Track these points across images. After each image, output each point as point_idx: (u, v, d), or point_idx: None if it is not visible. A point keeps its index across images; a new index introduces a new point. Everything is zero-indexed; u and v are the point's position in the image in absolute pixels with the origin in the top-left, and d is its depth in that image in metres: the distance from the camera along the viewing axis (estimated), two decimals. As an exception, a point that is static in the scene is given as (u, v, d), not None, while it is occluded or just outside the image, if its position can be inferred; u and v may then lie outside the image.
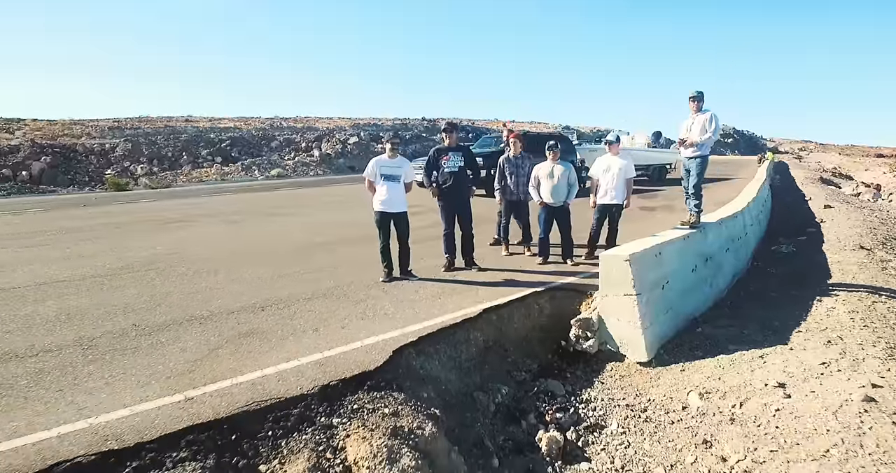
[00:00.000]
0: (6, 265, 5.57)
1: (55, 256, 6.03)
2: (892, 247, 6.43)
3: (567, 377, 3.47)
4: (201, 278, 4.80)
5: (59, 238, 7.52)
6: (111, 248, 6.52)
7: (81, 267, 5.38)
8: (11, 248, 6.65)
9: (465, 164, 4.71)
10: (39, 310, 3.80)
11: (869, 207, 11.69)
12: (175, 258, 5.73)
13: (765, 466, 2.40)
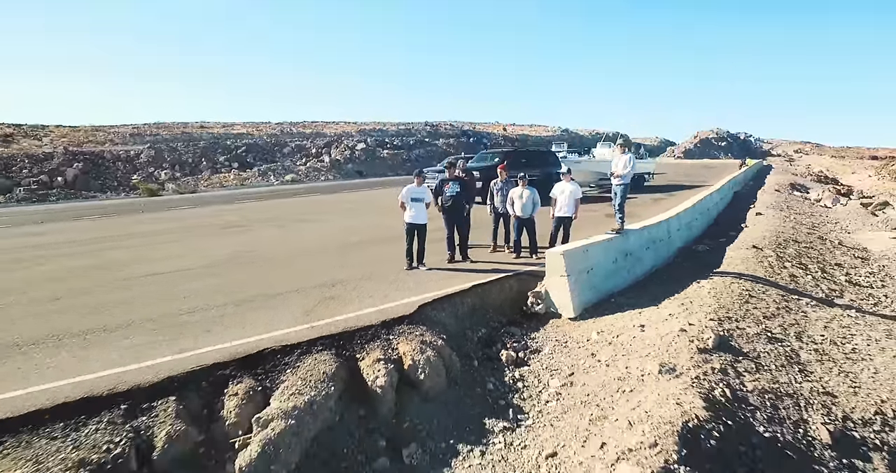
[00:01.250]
0: (134, 260, 7.75)
1: (158, 255, 8.19)
2: (783, 247, 8.54)
3: (523, 326, 5.60)
4: (282, 267, 6.95)
5: (147, 240, 9.70)
6: (193, 248, 8.68)
7: (186, 262, 7.54)
8: (120, 249, 8.83)
9: (461, 190, 6.84)
10: (194, 286, 5.97)
11: (805, 213, 13.78)
12: (253, 254, 7.89)
13: (619, 361, 4.53)
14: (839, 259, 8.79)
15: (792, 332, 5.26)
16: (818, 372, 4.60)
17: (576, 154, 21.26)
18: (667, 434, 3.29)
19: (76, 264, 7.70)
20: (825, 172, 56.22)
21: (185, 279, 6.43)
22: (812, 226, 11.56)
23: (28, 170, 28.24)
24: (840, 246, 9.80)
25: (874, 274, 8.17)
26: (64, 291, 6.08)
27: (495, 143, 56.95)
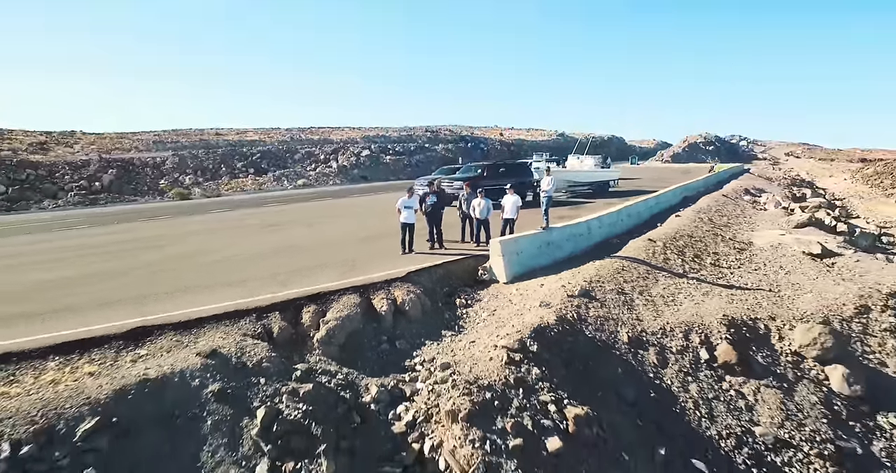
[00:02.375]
0: (208, 249, 11.05)
1: (222, 246, 11.48)
2: (674, 240, 11.77)
3: (473, 287, 8.84)
4: (314, 252, 10.22)
5: (206, 236, 13.02)
6: (244, 242, 11.96)
7: (245, 250, 10.82)
8: (191, 242, 12.14)
9: (438, 201, 10.09)
10: (262, 264, 9.26)
11: (728, 215, 16.98)
12: (290, 245, 11.17)
13: (521, 302, 7.79)
14: (719, 249, 12.02)
15: (637, 290, 8.52)
16: (639, 309, 7.87)
17: (554, 163, 24.51)
18: (527, 328, 6.58)
19: (171, 252, 11.00)
20: (803, 176, 59.23)
21: (253, 260, 9.70)
22: (719, 226, 14.78)
23: (70, 177, 31.66)
24: (729, 241, 13.03)
25: (738, 260, 11.41)
26: (182, 266, 9.37)
27: (492, 148, 60.32)
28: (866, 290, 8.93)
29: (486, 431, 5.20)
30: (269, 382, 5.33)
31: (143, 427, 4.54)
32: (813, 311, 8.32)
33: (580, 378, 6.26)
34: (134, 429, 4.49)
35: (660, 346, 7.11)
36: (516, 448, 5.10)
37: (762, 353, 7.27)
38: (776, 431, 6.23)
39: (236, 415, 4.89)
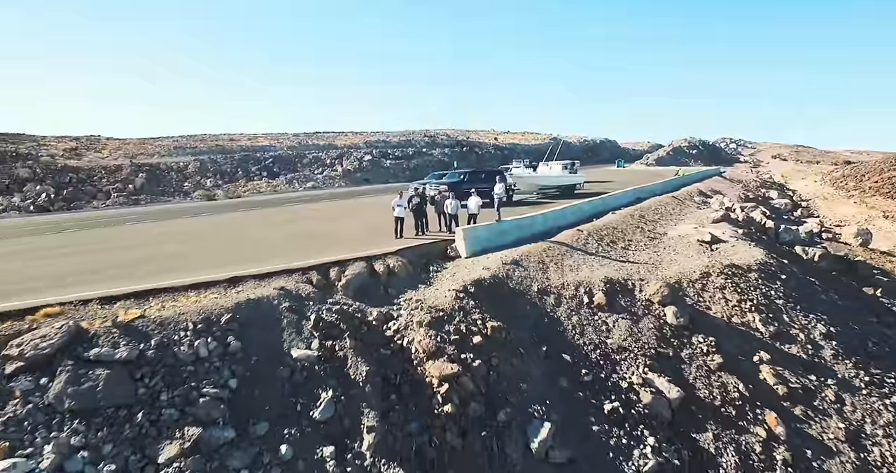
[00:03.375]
0: (259, 235, 15.06)
1: (262, 234, 15.49)
2: (599, 230, 15.73)
3: (444, 260, 12.84)
4: (334, 238, 14.22)
5: (250, 226, 17.04)
6: (279, 231, 15.96)
7: (287, 236, 14.83)
8: (244, 231, 16.16)
9: (420, 201, 14.10)
10: (297, 244, 13.28)
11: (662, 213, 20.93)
12: (314, 234, 15.16)
13: (473, 268, 11.79)
14: (633, 237, 16.00)
15: (553, 261, 12.51)
16: (550, 273, 11.88)
17: (531, 169, 28.51)
18: (470, 280, 10.62)
19: (227, 237, 15.00)
20: (777, 178, 63.07)
21: (289, 242, 13.66)
22: (647, 221, 18.73)
23: (106, 180, 35.75)
24: (647, 232, 17.00)
25: (645, 245, 15.38)
26: (240, 246, 13.36)
27: (486, 152, 64.38)
28: (714, 263, 12.92)
29: (439, 331, 9.21)
30: (314, 303, 9.33)
31: (251, 322, 8.53)
32: (673, 275, 12.32)
33: (500, 308, 10.26)
34: (247, 322, 8.48)
35: (558, 294, 11.11)
36: (455, 341, 9.11)
37: (626, 299, 11.27)
38: (621, 342, 10.22)
39: (298, 318, 8.88)
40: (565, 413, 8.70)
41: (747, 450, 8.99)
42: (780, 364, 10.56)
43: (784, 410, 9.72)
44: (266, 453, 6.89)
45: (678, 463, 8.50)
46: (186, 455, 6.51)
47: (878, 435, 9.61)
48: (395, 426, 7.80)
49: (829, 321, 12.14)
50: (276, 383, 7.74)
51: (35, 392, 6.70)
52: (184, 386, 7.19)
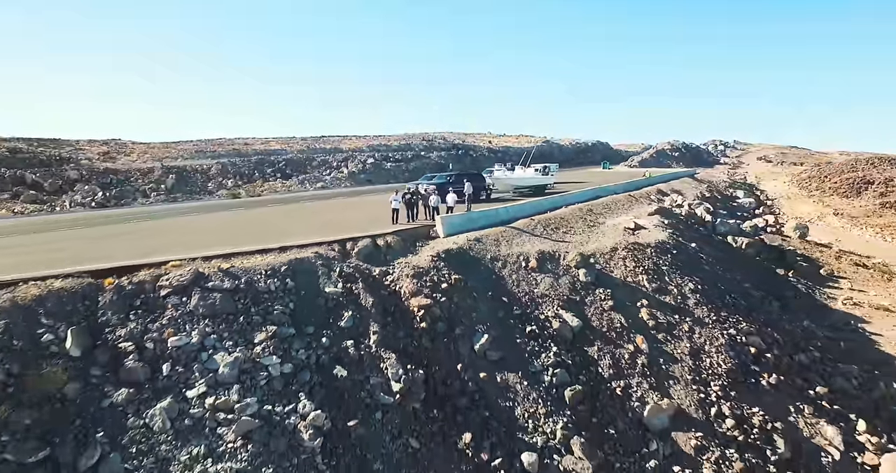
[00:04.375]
0: (295, 221, 19.97)
1: (288, 223, 20.37)
2: (548, 220, 20.55)
3: (427, 238, 17.72)
4: (348, 224, 19.09)
5: (277, 217, 21.95)
6: (306, 221, 20.85)
7: (311, 223, 19.72)
8: (271, 221, 21.07)
9: (411, 198, 18.97)
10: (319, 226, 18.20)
11: (611, 208, 25.74)
12: (332, 222, 20.04)
13: (447, 242, 16.67)
14: (575, 225, 20.83)
15: (506, 239, 17.39)
16: (501, 247, 16.79)
17: (511, 171, 33.35)
18: (443, 250, 15.53)
19: (269, 224, 19.86)
20: (750, 179, 67.73)
21: (313, 228, 18.50)
22: (595, 213, 23.53)
23: (141, 180, 40.71)
24: (589, 221, 21.81)
25: (583, 231, 20.22)
26: (279, 229, 18.22)
27: (480, 155, 69.21)
28: (623, 242, 17.77)
29: (419, 280, 14.09)
30: (338, 262, 14.20)
31: (299, 272, 13.39)
32: (590, 249, 17.18)
33: (462, 268, 15.13)
34: (296, 272, 13.34)
35: (504, 260, 15.98)
36: (429, 286, 13.99)
37: (552, 264, 16.14)
38: (544, 291, 15.08)
39: (328, 270, 13.75)
40: (499, 331, 13.56)
41: (619, 357, 13.83)
42: (655, 307, 15.40)
43: (650, 335, 14.56)
44: (313, 342, 11.75)
45: (570, 363, 13.34)
46: (269, 339, 11.37)
47: (711, 352, 14.43)
48: (389, 332, 12.67)
49: (700, 282, 16.99)
50: (317, 306, 12.62)
51: (179, 305, 11.57)
52: (263, 305, 12.07)
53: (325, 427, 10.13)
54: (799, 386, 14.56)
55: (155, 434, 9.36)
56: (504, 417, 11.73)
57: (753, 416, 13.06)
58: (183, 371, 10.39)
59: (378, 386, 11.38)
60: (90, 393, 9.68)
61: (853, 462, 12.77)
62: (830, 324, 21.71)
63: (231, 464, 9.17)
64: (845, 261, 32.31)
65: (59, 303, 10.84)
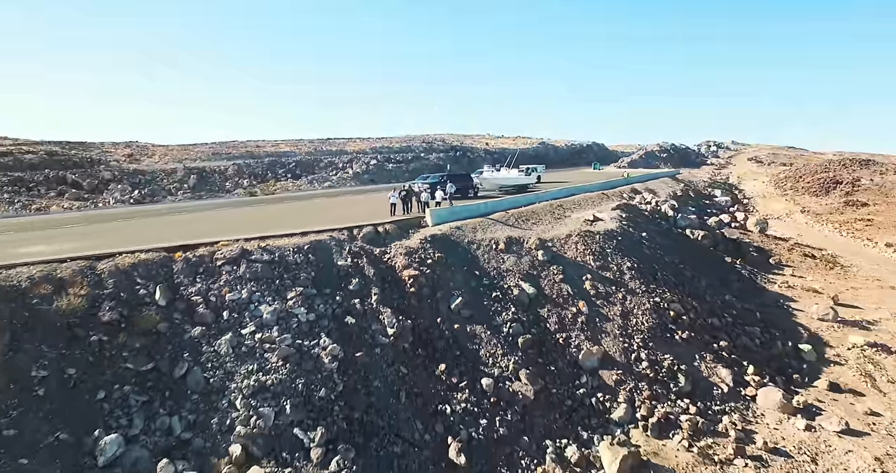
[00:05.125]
0: (311, 215, 24.15)
1: (304, 216, 24.54)
2: (521, 213, 24.60)
3: (419, 227, 21.85)
4: (354, 216, 23.24)
5: (295, 212, 26.14)
6: (321, 214, 25.01)
7: (325, 215, 23.88)
8: (300, 213, 25.26)
9: (407, 194, 23.10)
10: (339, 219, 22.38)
11: (580, 204, 29.77)
12: (343, 215, 24.20)
13: (433, 229, 20.79)
14: (545, 218, 24.89)
15: (482, 228, 21.51)
16: (478, 233, 20.89)
17: (497, 171, 37.40)
18: (430, 235, 19.69)
19: (289, 216, 24.01)
20: (732, 180, 71.41)
21: (327, 218, 22.64)
22: (564, 209, 27.55)
23: (166, 180, 44.99)
24: (557, 215, 25.86)
25: (549, 223, 24.29)
26: (297, 219, 22.37)
27: (477, 156, 73.25)
28: (578, 230, 21.84)
29: (410, 257, 18.23)
30: (347, 243, 18.34)
31: (317, 249, 17.52)
32: (550, 236, 21.25)
33: (444, 249, 19.24)
34: (315, 249, 17.48)
35: (478, 243, 20.08)
36: (417, 261, 18.13)
37: (517, 246, 20.23)
38: (509, 267, 19.18)
39: (339, 249, 17.89)
40: (471, 296, 17.64)
41: (564, 317, 17.89)
42: (597, 280, 19.45)
43: (591, 301, 18.62)
44: (329, 299, 15.86)
45: (525, 320, 17.42)
46: (297, 296, 15.48)
47: (637, 314, 18.47)
48: (386, 294, 16.79)
49: (638, 262, 21.03)
50: (331, 274, 16.74)
51: (231, 272, 15.72)
52: (292, 272, 16.21)
53: (339, 355, 14.25)
54: (706, 341, 18.60)
55: (222, 357, 13.51)
56: (471, 355, 15.84)
57: (664, 360, 17.11)
58: (237, 316, 14.56)
59: (377, 330, 15.50)
60: (175, 329, 13.85)
61: (738, 393, 16.80)
62: (761, 301, 25.71)
63: (275, 376, 13.31)
64: (796, 253, 36.22)
65: (146, 269, 15.04)
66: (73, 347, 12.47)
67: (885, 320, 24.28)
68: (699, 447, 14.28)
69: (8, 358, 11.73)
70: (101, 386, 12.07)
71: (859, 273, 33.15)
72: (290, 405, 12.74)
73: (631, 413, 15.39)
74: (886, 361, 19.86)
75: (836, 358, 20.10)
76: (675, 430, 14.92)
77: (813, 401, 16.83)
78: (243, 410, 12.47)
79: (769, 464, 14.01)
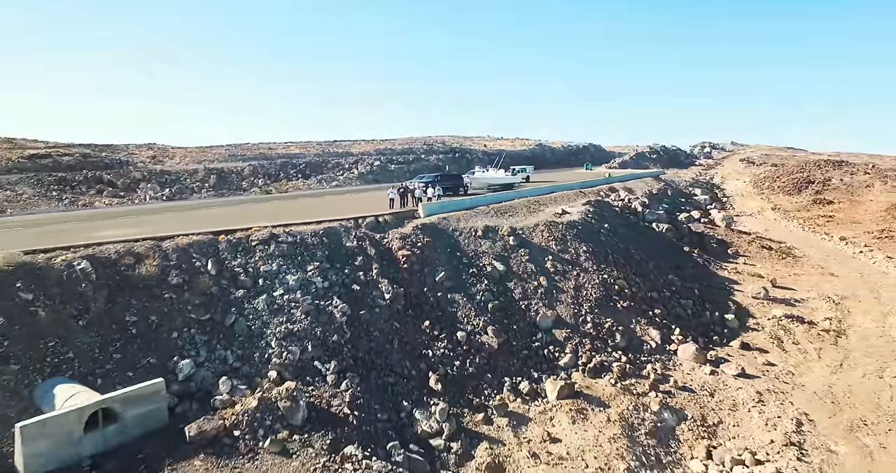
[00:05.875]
0: (325, 207, 28.68)
1: (319, 209, 29.07)
2: (501, 207, 28.97)
3: (413, 217, 26.30)
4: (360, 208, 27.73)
5: (310, 206, 30.69)
6: (332, 207, 29.52)
7: (335, 208, 28.40)
8: (314, 207, 29.80)
9: (404, 191, 27.56)
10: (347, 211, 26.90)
11: (556, 200, 34.10)
12: (350, 208, 28.68)
13: (424, 219, 25.25)
14: (520, 211, 29.25)
15: (465, 218, 25.93)
16: (462, 222, 25.35)
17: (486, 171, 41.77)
18: (420, 223, 24.19)
19: (306, 208, 28.53)
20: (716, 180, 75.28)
21: (337, 211, 27.12)
22: (539, 204, 31.89)
23: (189, 180, 49.68)
24: (532, 209, 30.21)
25: (522, 214, 28.67)
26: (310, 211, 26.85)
27: (475, 157, 77.57)
28: (544, 220, 26.21)
29: (403, 240, 22.70)
30: (353, 229, 22.81)
31: (330, 234, 21.98)
32: (521, 225, 25.64)
33: (433, 235, 23.68)
34: (328, 233, 21.95)
35: (461, 230, 24.50)
36: (409, 244, 22.60)
37: (492, 233, 24.63)
38: (484, 250, 23.60)
39: (347, 233, 22.35)
40: (452, 272, 22.05)
41: (527, 289, 22.25)
42: (557, 261, 23.80)
43: (550, 276, 22.97)
44: (339, 271, 20.30)
45: (495, 291, 21.79)
46: (315, 269, 19.94)
47: (588, 287, 22.80)
48: (384, 269, 21.24)
49: (593, 247, 25.35)
50: (341, 253, 21.20)
51: (263, 250, 20.20)
52: (310, 251, 20.68)
53: (347, 312, 18.69)
54: (643, 309, 22.91)
55: (259, 311, 17.99)
56: (450, 315, 20.26)
57: (606, 323, 21.45)
58: (269, 282, 19.03)
59: (377, 295, 19.95)
60: (224, 291, 18.34)
61: (663, 349, 21.11)
62: (708, 283, 29.96)
63: (299, 325, 17.76)
64: (755, 245, 40.35)
65: (199, 247, 19.54)
66: (153, 301, 17.00)
67: (811, 299, 28.49)
68: (623, 384, 18.62)
69: (109, 307, 16.28)
70: (175, 328, 16.59)
71: (808, 262, 37.29)
72: (311, 345, 17.22)
73: (574, 361, 19.74)
74: (797, 329, 24.09)
75: (755, 325, 24.36)
76: (607, 373, 19.26)
77: (723, 355, 21.14)
78: (277, 348, 16.95)
79: (675, 396, 18.34)
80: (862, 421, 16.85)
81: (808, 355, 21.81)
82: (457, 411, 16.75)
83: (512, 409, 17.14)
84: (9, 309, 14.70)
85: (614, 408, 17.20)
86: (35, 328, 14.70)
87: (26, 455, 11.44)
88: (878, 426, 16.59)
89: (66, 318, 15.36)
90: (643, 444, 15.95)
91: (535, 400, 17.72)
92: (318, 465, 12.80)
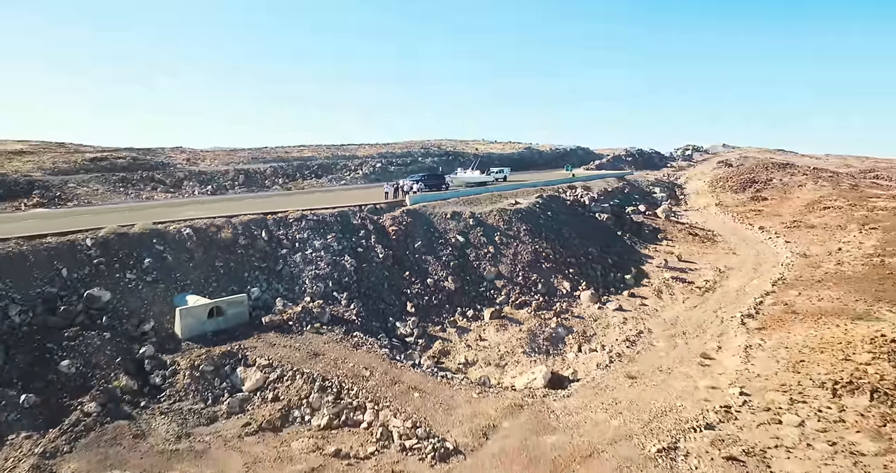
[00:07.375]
0: (335, 198, 38.50)
1: (330, 200, 38.85)
2: (469, 198, 38.50)
3: (402, 204, 35.98)
4: (363, 198, 37.43)
5: (324, 197, 40.54)
6: (342, 196, 39.28)
7: (343, 197, 38.17)
8: (326, 198, 39.65)
9: (397, 187, 37.23)
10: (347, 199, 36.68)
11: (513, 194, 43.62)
12: (356, 197, 38.38)
13: (409, 206, 34.91)
14: (483, 202, 38.82)
15: (440, 205, 35.57)
16: (440, 209, 35.03)
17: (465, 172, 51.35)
18: (409, 210, 33.92)
19: (319, 198, 38.28)
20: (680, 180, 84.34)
21: (346, 200, 36.72)
22: (501, 197, 41.36)
23: (221, 179, 59.55)
24: (494, 200, 39.75)
25: (485, 204, 38.27)
26: (321, 200, 36.58)
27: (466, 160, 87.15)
28: (498, 208, 35.82)
29: (394, 220, 32.42)
30: (359, 213, 32.52)
31: (342, 215, 31.69)
32: (480, 211, 35.27)
33: (415, 217, 33.34)
34: (341, 214, 31.65)
35: (437, 214, 34.15)
36: (397, 222, 32.32)
37: (458, 216, 34.29)
38: (451, 227, 33.26)
39: (353, 215, 32.04)
40: (426, 241, 31.66)
41: (479, 254, 31.84)
42: (503, 235, 33.31)
43: (496, 246, 32.51)
44: (349, 239, 29.96)
45: (456, 254, 31.41)
46: (333, 237, 29.61)
47: (523, 254, 32.34)
48: (379, 239, 30.89)
49: (532, 227, 34.85)
50: (350, 228, 30.89)
51: (297, 224, 29.92)
52: (329, 225, 30.40)
53: (354, 265, 28.33)
54: (561, 269, 32.41)
55: (297, 263, 27.72)
56: (423, 269, 29.89)
57: (532, 276, 31.01)
58: (301, 245, 28.74)
59: (374, 255, 29.60)
60: (273, 250, 28.03)
61: (571, 294, 30.62)
62: (629, 258, 39.38)
63: (323, 272, 27.43)
64: (684, 232, 49.65)
65: (255, 222, 29.29)
66: (230, 254, 26.72)
67: (704, 269, 37.87)
68: (537, 313, 28.15)
69: (205, 257, 26.03)
70: (245, 270, 26.32)
71: (722, 245, 46.58)
72: (332, 283, 26.91)
73: (506, 299, 29.30)
74: (677, 286, 33.50)
75: (646, 283, 33.82)
76: (527, 306, 28.79)
77: (612, 299, 30.64)
78: (309, 284, 26.64)
79: (570, 320, 27.85)
80: (682, 332, 26.29)
81: (675, 300, 31.26)
82: (423, 324, 26.35)
83: (460, 325, 26.73)
84: (151, 255, 24.47)
85: (526, 325, 26.75)
86: (166, 266, 24.46)
87: (181, 326, 21.15)
88: (691, 336, 25.99)
89: (182, 262, 25.10)
90: (539, 343, 25.47)
91: (476, 321, 27.30)
92: (336, 338, 22.43)
